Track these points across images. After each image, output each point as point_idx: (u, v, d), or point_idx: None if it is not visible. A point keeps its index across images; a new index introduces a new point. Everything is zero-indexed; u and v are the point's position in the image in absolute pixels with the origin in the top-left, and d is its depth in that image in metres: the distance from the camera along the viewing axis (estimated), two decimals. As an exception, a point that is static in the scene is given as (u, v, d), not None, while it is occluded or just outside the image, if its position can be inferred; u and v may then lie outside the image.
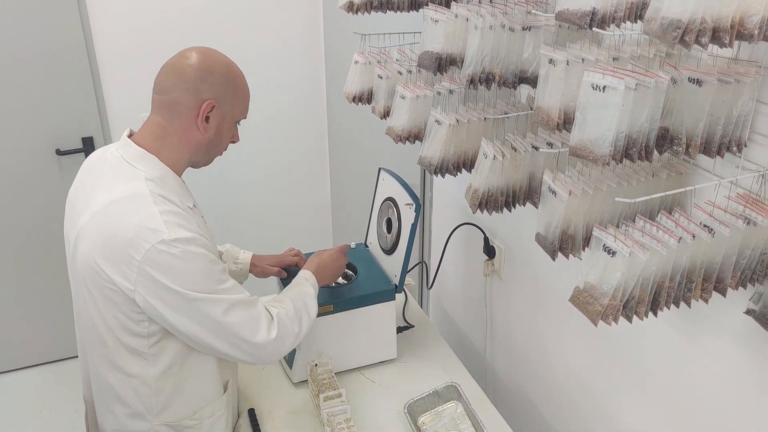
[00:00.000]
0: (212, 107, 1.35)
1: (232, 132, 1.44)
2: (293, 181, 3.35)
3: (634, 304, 1.04)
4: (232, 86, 1.38)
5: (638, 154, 1.02)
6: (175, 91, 1.34)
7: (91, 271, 1.31)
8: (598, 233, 1.04)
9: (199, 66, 1.34)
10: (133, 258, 1.26)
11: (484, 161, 1.36)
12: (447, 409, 1.66)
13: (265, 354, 1.42)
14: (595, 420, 1.64)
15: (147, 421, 1.43)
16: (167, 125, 1.36)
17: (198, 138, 1.38)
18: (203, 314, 1.31)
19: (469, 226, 1.99)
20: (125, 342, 1.36)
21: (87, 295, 1.35)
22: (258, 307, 1.41)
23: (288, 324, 1.45)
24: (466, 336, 2.24)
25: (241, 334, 1.36)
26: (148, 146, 1.36)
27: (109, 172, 1.36)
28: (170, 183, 1.36)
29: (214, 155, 1.46)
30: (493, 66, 1.36)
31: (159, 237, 1.25)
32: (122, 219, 1.28)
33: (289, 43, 3.07)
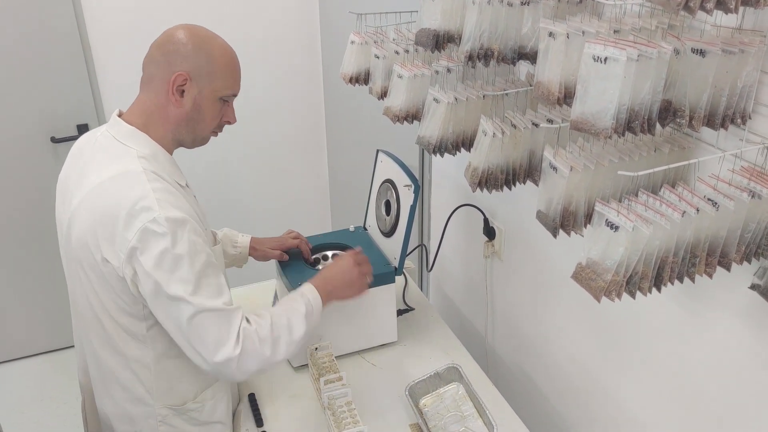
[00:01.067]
0: (184, 79, 1.31)
1: (216, 109, 1.37)
2: (291, 164, 3.33)
3: (638, 280, 1.02)
4: (207, 58, 1.32)
5: (641, 127, 1.00)
6: (151, 65, 1.33)
7: (86, 251, 1.29)
8: (601, 208, 1.02)
9: (174, 39, 1.32)
10: (125, 237, 1.24)
11: (484, 139, 1.34)
12: (448, 391, 1.65)
13: (225, 372, 1.31)
14: (596, 399, 1.63)
15: (148, 405, 1.42)
16: (146, 100, 1.34)
17: (175, 113, 1.34)
18: (173, 311, 1.27)
19: (468, 208, 1.97)
20: (123, 324, 1.34)
21: (83, 277, 1.33)
22: (232, 321, 1.30)
23: (256, 343, 1.32)
24: (466, 318, 2.22)
25: (199, 345, 1.28)
26: (136, 124, 1.34)
27: (101, 151, 1.34)
28: (161, 160, 1.34)
29: (200, 133, 1.39)
30: (492, 42, 1.34)
31: (151, 215, 1.23)
32: (116, 197, 1.26)
33: (285, 24, 3.03)
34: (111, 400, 1.44)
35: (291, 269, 1.79)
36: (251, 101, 3.06)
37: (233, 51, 1.38)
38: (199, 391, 1.47)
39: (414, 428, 1.59)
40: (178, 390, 1.43)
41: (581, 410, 1.71)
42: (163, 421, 1.44)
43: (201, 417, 1.48)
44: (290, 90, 3.16)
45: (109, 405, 1.45)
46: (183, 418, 1.46)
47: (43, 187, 2.83)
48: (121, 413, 1.45)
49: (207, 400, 1.48)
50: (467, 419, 1.57)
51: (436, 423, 1.57)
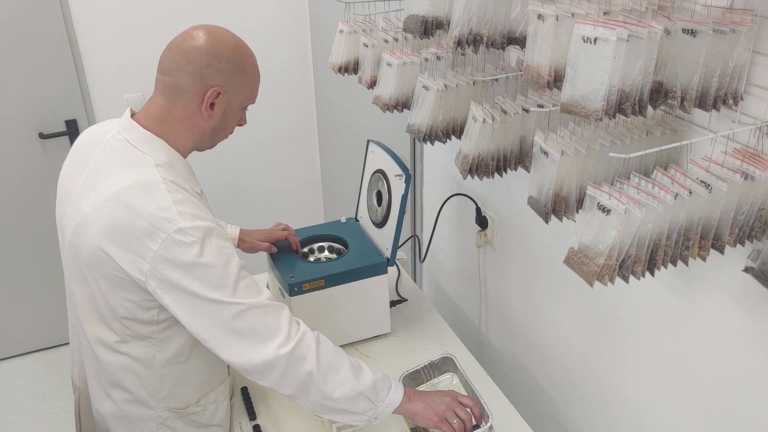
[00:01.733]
0: (218, 94, 1.28)
1: (239, 117, 1.37)
2: (282, 156, 3.30)
3: (631, 264, 1.01)
4: (240, 71, 1.30)
5: (632, 109, 0.99)
6: (179, 74, 1.26)
7: (98, 258, 1.24)
8: (592, 191, 1.01)
9: (206, 49, 1.26)
10: (149, 248, 1.19)
11: (474, 125, 1.33)
12: (443, 381, 1.64)
13: (268, 375, 1.26)
14: (591, 387, 1.63)
15: (149, 407, 1.39)
16: (171, 109, 1.29)
17: (202, 125, 1.31)
18: (212, 316, 1.23)
19: (460, 198, 1.96)
20: (132, 328, 1.30)
21: (92, 281, 1.28)
22: (281, 315, 1.27)
23: (312, 349, 1.27)
24: (460, 309, 2.21)
25: (241, 345, 1.24)
26: (153, 129, 1.29)
27: (115, 156, 1.28)
28: (179, 168, 1.30)
29: (219, 140, 1.39)
30: (481, 27, 1.32)
31: (175, 226, 1.18)
32: (135, 207, 1.20)
33: (274, 14, 3.00)
34: (109, 401, 1.41)
35: (281, 261, 1.77)
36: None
37: (255, 56, 1.36)
38: (203, 395, 1.44)
39: (408, 419, 1.57)
40: (182, 394, 1.41)
41: (577, 398, 1.70)
42: (163, 423, 1.41)
43: (202, 420, 1.46)
44: (280, 81, 3.14)
45: (106, 406, 1.42)
46: (183, 420, 1.43)
47: (33, 184, 2.80)
48: (119, 414, 1.41)
49: (209, 404, 1.46)
50: (462, 409, 1.56)
51: (431, 413, 1.56)
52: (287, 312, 1.30)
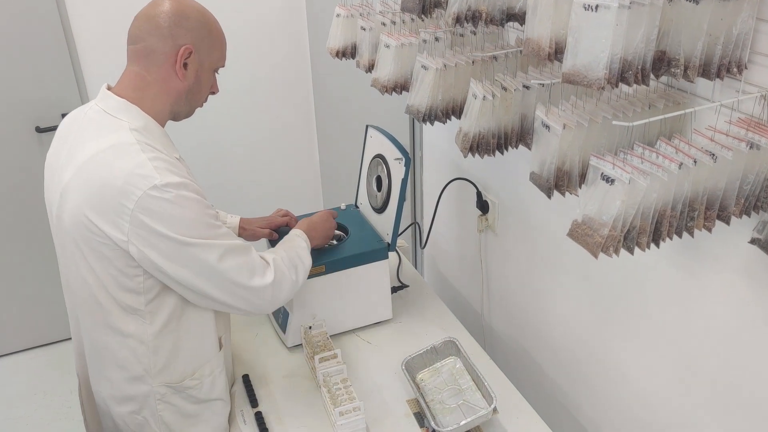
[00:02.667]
0: (189, 53, 1.31)
1: (211, 80, 1.40)
2: (281, 143, 3.27)
3: (635, 235, 0.99)
4: (207, 31, 1.33)
5: (634, 78, 0.98)
6: (150, 38, 1.29)
7: (81, 227, 1.26)
8: (596, 162, 0.99)
9: (172, 11, 1.29)
10: (125, 206, 1.21)
11: (474, 102, 1.31)
12: (446, 365, 1.62)
13: (262, 300, 1.38)
14: (595, 368, 1.61)
15: (146, 383, 1.39)
16: (146, 74, 1.31)
17: (178, 86, 1.33)
18: (199, 261, 1.28)
19: (461, 183, 1.94)
20: (120, 300, 1.32)
21: (77, 254, 1.30)
22: (252, 254, 1.38)
23: (284, 270, 1.43)
24: (462, 295, 2.20)
25: (237, 279, 1.33)
26: (128, 97, 1.31)
27: (91, 125, 1.31)
28: (155, 133, 1.31)
29: (195, 105, 1.41)
30: (479, 3, 1.30)
31: (150, 182, 1.21)
32: (110, 168, 1.23)
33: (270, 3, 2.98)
34: (108, 381, 1.41)
35: None
36: (238, 80, 3.02)
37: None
38: (197, 366, 1.44)
39: (411, 403, 1.56)
40: (176, 366, 1.41)
41: (580, 380, 1.69)
42: (162, 399, 1.41)
43: (200, 394, 1.45)
44: (278, 68, 3.11)
45: (106, 387, 1.42)
46: (182, 396, 1.43)
47: (30, 178, 2.78)
48: (118, 395, 1.42)
49: (205, 377, 1.45)
50: (465, 392, 1.54)
51: (434, 397, 1.55)
52: (253, 249, 1.40)
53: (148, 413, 1.42)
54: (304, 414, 1.56)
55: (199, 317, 1.41)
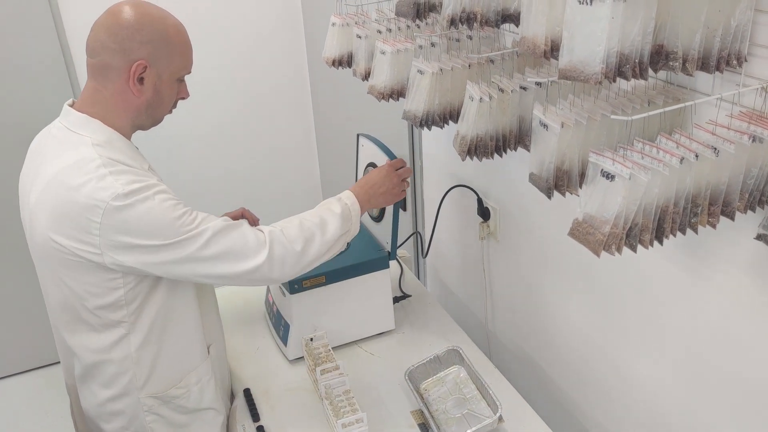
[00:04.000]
0: (144, 68, 1.26)
1: (174, 90, 1.34)
2: (280, 152, 3.25)
3: (638, 232, 0.97)
4: (165, 41, 1.27)
5: (632, 72, 0.96)
6: (103, 52, 1.25)
7: (53, 247, 1.25)
8: (595, 158, 0.97)
9: (126, 23, 1.24)
10: (92, 221, 1.19)
11: (471, 105, 1.30)
12: (449, 375, 1.59)
13: (261, 276, 1.32)
14: (601, 374, 1.58)
15: (132, 396, 1.37)
16: (102, 89, 1.28)
17: (134, 101, 1.29)
18: (183, 255, 1.25)
19: (461, 191, 1.92)
20: (102, 315, 1.30)
21: (53, 274, 1.29)
22: (242, 231, 1.32)
23: (284, 243, 1.34)
24: (464, 304, 2.17)
25: (222, 268, 1.28)
26: (89, 112, 1.28)
27: (55, 143, 1.29)
28: (119, 146, 1.28)
29: (159, 115, 1.36)
30: (474, 5, 1.29)
31: (113, 193, 1.19)
32: (72, 186, 1.21)
33: (267, 14, 2.97)
34: (95, 397, 1.40)
35: None
36: (237, 92, 3.02)
37: (184, 27, 1.33)
38: (183, 374, 1.42)
39: (415, 414, 1.53)
40: (161, 374, 1.39)
41: (586, 386, 1.65)
42: (149, 410, 1.39)
43: (189, 404, 1.43)
44: (275, 79, 3.09)
45: (93, 403, 1.41)
46: (170, 406, 1.41)
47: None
48: (106, 411, 1.40)
49: (192, 385, 1.43)
50: (470, 401, 1.52)
51: (438, 407, 1.52)
52: (246, 224, 1.34)
53: (138, 426, 1.40)
54: (307, 427, 1.53)
55: (184, 324, 1.39)
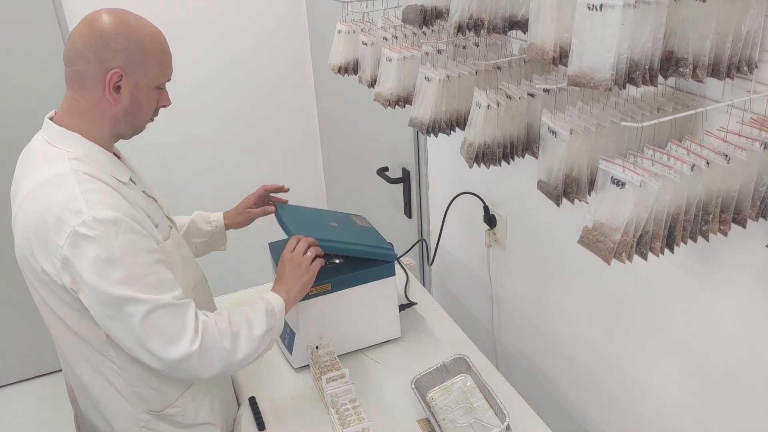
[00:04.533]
0: (120, 76, 1.24)
1: (153, 98, 1.31)
2: (285, 161, 3.24)
3: (648, 240, 0.96)
4: (140, 49, 1.24)
5: (642, 78, 0.95)
6: (79, 61, 1.23)
7: (27, 263, 1.24)
8: (605, 165, 0.96)
9: (100, 32, 1.22)
10: (57, 244, 1.18)
11: (478, 111, 1.29)
12: (456, 383, 1.58)
13: (186, 370, 1.26)
14: (609, 383, 1.57)
15: (126, 411, 1.36)
16: (79, 99, 1.26)
17: (112, 110, 1.27)
18: (121, 315, 1.20)
19: (467, 198, 1.91)
20: (82, 333, 1.28)
21: (35, 291, 1.29)
22: (187, 314, 1.25)
23: (216, 336, 1.27)
24: (470, 312, 2.16)
25: (155, 344, 1.22)
26: (68, 124, 1.27)
27: (35, 157, 1.28)
28: (98, 159, 1.27)
29: (139, 123, 1.34)
30: (481, 11, 1.28)
31: (80, 219, 1.16)
32: (44, 204, 1.20)
33: (273, 22, 2.97)
34: (93, 410, 1.39)
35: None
36: (242, 101, 3.02)
37: (162, 35, 1.30)
38: (179, 394, 1.40)
39: (422, 423, 1.52)
40: (154, 396, 1.37)
41: (595, 396, 1.64)
42: (146, 426, 1.37)
43: (185, 420, 1.42)
44: (280, 86, 3.08)
45: (93, 417, 1.41)
46: (166, 422, 1.39)
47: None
48: (104, 425, 1.39)
49: (188, 404, 1.41)
50: (477, 410, 1.50)
51: (445, 416, 1.51)
52: (193, 308, 1.28)
53: None
54: (312, 436, 1.52)
55: None
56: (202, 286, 1.51)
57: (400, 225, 2.44)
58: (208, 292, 1.55)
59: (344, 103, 2.75)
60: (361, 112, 2.55)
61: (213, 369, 1.28)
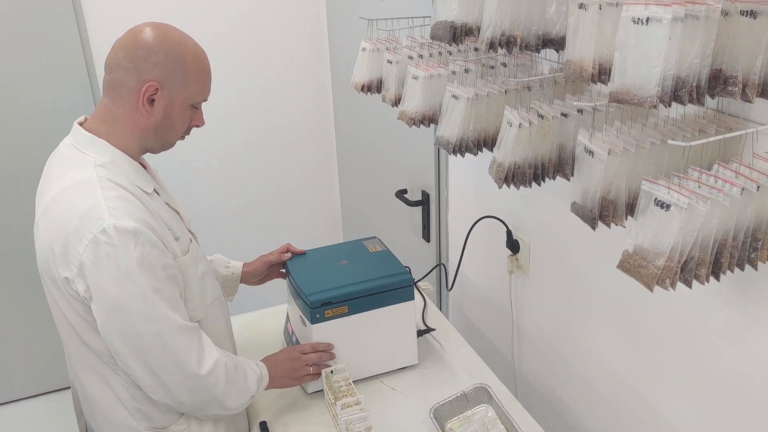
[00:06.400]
0: (155, 89, 1.23)
1: (186, 115, 1.30)
2: (302, 182, 3.22)
3: (694, 266, 0.91)
4: (179, 66, 1.24)
5: (689, 96, 0.90)
6: (118, 70, 1.24)
7: (47, 268, 1.23)
8: (649, 186, 0.91)
9: (143, 44, 1.22)
10: (76, 250, 1.17)
11: (509, 130, 1.25)
12: (477, 413, 1.52)
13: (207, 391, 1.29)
14: (641, 422, 1.49)
15: (131, 428, 1.33)
16: (113, 108, 1.26)
17: (143, 122, 1.26)
18: (130, 327, 1.20)
19: (488, 223, 1.86)
20: (92, 345, 1.26)
21: (51, 298, 1.27)
22: (195, 336, 1.28)
23: (222, 374, 1.31)
24: (489, 340, 2.09)
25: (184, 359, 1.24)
26: (97, 131, 1.26)
27: (62, 162, 1.28)
28: (123, 167, 1.26)
29: (169, 139, 1.33)
30: (514, 28, 1.25)
31: (100, 225, 1.16)
32: (67, 209, 1.19)
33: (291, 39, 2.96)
34: (97, 425, 1.36)
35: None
36: (257, 119, 2.99)
37: (205, 55, 1.30)
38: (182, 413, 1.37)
39: None
40: (159, 414, 1.34)
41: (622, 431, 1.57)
42: None
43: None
44: (299, 106, 3.07)
45: (101, 426, 1.37)
46: None
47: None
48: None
49: (192, 421, 1.38)
50: (498, 443, 1.44)
51: (465, 448, 1.44)
52: (202, 334, 1.30)
53: None
54: (325, 464, 1.46)
55: None
56: (219, 301, 1.48)
57: (417, 249, 2.38)
58: (225, 308, 1.52)
59: (363, 125, 2.72)
60: (381, 133, 2.51)
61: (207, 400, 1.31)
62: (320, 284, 1.62)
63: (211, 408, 1.33)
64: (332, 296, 1.58)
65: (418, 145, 2.21)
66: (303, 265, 1.73)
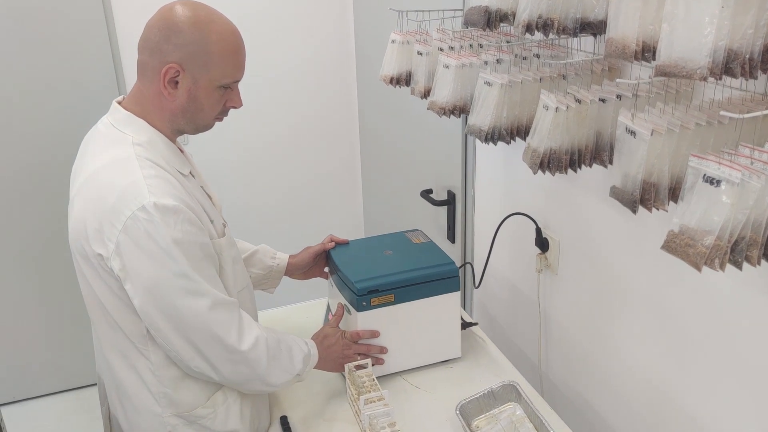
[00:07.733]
0: (176, 72, 1.20)
1: (215, 97, 1.25)
2: (325, 179, 3.20)
3: (744, 247, 0.86)
4: (202, 47, 1.19)
5: (741, 69, 0.86)
6: (144, 51, 1.22)
7: (80, 245, 1.21)
8: (697, 162, 0.87)
9: (167, 24, 1.19)
10: (114, 227, 1.15)
11: (545, 114, 1.21)
12: (504, 412, 1.47)
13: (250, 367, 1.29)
14: (672, 425, 1.43)
15: (156, 414, 1.30)
16: (143, 88, 1.25)
17: (169, 105, 1.24)
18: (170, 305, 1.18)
19: (516, 220, 1.82)
20: (123, 325, 1.24)
21: (83, 276, 1.25)
22: (237, 312, 1.27)
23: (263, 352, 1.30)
24: (514, 340, 2.04)
25: (222, 335, 1.23)
26: (134, 110, 1.25)
27: (100, 139, 1.26)
28: (160, 147, 1.24)
29: (202, 121, 1.28)
30: (551, 11, 1.22)
31: (140, 202, 1.14)
32: (106, 185, 1.17)
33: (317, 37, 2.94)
34: (122, 410, 1.34)
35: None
36: (285, 117, 2.98)
37: (234, 34, 1.24)
38: (210, 393, 1.34)
39: None
40: (186, 394, 1.31)
41: (654, 437, 1.51)
42: (173, 430, 1.31)
43: (214, 425, 1.34)
44: (323, 105, 3.05)
45: (121, 417, 1.35)
46: (194, 427, 1.32)
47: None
48: (133, 425, 1.34)
49: (218, 405, 1.35)
50: (527, 442, 1.39)
51: (492, 447, 1.40)
52: (241, 311, 1.30)
53: None
54: (347, 459, 1.42)
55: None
56: (248, 289, 1.46)
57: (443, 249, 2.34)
58: (253, 297, 1.50)
59: (388, 122, 2.69)
60: (406, 131, 2.48)
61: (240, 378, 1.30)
62: (366, 272, 1.59)
63: (253, 384, 1.32)
64: (379, 284, 1.55)
65: (445, 144, 2.18)
66: (347, 254, 1.70)
